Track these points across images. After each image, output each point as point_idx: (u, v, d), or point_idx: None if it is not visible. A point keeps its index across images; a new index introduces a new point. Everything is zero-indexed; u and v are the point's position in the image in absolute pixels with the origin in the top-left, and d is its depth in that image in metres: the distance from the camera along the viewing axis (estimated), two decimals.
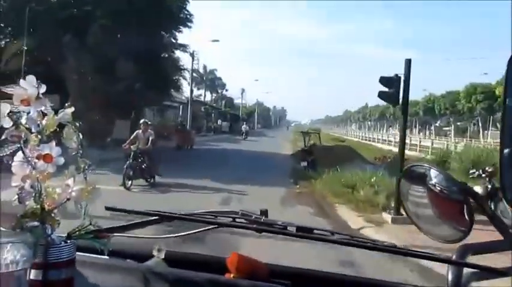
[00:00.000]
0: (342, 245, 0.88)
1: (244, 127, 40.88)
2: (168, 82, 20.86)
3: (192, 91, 34.37)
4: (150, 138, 9.64)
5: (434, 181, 0.93)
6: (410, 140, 27.87)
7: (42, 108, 0.71)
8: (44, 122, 0.71)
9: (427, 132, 49.59)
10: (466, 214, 0.88)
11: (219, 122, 50.87)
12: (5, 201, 0.68)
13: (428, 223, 0.95)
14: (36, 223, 0.69)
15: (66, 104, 0.74)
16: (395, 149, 27.45)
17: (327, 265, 3.12)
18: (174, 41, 21.06)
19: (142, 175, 9.49)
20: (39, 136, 0.71)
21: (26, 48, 14.30)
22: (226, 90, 74.82)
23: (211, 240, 1.19)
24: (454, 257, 0.83)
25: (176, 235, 1.03)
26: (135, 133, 9.91)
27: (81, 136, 0.74)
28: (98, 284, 0.77)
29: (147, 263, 0.90)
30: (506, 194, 0.85)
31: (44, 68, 12.28)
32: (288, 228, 0.89)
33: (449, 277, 0.82)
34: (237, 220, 0.93)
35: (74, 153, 0.73)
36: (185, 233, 1.03)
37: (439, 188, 0.92)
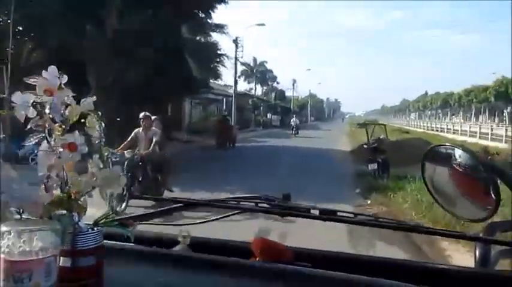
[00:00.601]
0: (365, 226, 1.02)
1: (293, 121, 39.89)
2: (206, 70, 20.56)
3: (236, 81, 34.88)
4: (154, 139, 7.81)
5: (459, 160, 1.07)
6: (480, 129, 30.25)
7: (65, 98, 0.80)
8: (67, 112, 0.81)
9: (496, 119, 47.36)
10: (492, 192, 1.00)
11: (269, 115, 52.94)
12: (32, 190, 0.78)
13: (455, 203, 1.08)
14: (63, 211, 0.79)
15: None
16: (469, 139, 28.17)
17: (352, 247, 3.31)
18: (209, 21, 20.89)
19: (144, 192, 7.32)
20: (63, 126, 0.80)
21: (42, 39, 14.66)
22: (278, 83, 77.33)
23: (236, 225, 1.36)
24: (481, 235, 0.96)
25: (200, 221, 1.22)
26: (133, 132, 8.07)
27: (103, 125, 0.85)
28: (127, 270, 0.92)
29: (174, 249, 1.08)
30: None
31: (64, 58, 12.45)
32: (311, 211, 1.05)
33: (477, 255, 0.94)
34: (260, 204, 1.11)
35: (97, 141, 0.84)
36: (210, 219, 1.21)
37: (464, 168, 1.06)
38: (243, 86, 67.30)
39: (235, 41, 33.31)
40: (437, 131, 41.02)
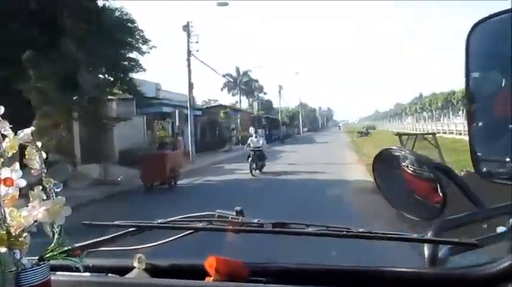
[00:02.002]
0: (318, 237, 1.04)
1: (252, 139, 26.70)
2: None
3: (191, 86, 25.51)
4: None
5: (407, 161, 1.11)
6: None
7: (2, 130, 0.80)
8: (4, 144, 0.80)
9: None
10: (439, 191, 1.04)
11: (251, 130, 46.21)
12: None
13: (405, 203, 1.12)
14: (3, 250, 0.77)
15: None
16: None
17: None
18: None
19: None
20: (1, 159, 0.79)
21: None
22: (265, 93, 72.16)
23: (191, 245, 1.38)
24: (428, 234, 0.99)
25: (155, 243, 1.22)
26: None
27: (44, 155, 0.84)
28: None
29: (129, 276, 1.08)
30: (477, 167, 1.01)
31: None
32: (264, 225, 1.07)
33: (426, 254, 0.97)
34: (214, 222, 1.12)
35: (37, 173, 0.83)
36: (163, 241, 1.23)
37: (412, 168, 1.10)
38: (228, 99, 64.22)
39: (187, 29, 24.94)
40: (446, 133, 35.34)
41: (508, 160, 0.99)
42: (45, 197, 0.83)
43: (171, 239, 1.22)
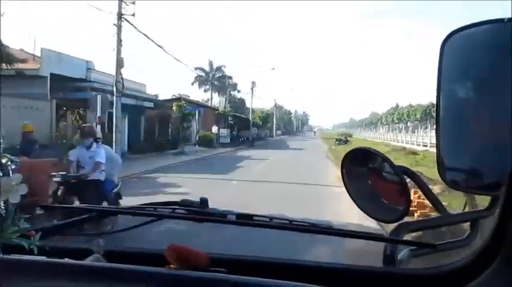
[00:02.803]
0: (282, 230, 1.05)
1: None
2: None
3: (119, 63, 18.58)
4: None
5: (375, 163, 1.12)
6: None
7: None
8: None
9: None
10: (403, 193, 1.06)
11: (214, 129, 38.29)
12: None
13: (372, 205, 1.14)
14: None
15: None
16: None
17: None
18: None
19: None
20: None
21: None
22: (238, 91, 65.87)
23: (153, 232, 1.37)
24: (389, 235, 1.01)
25: (115, 230, 1.21)
26: None
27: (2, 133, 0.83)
28: (36, 284, 0.89)
29: (86, 260, 1.07)
30: (444, 175, 1.04)
31: None
32: (228, 216, 1.07)
33: (385, 254, 0.99)
34: (177, 210, 1.12)
35: None
36: (125, 227, 1.21)
37: (379, 171, 1.12)
38: (199, 95, 60.47)
39: None
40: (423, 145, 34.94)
41: (474, 169, 1.03)
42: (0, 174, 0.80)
43: (133, 226, 1.21)
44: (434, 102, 1.11)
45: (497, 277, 0.78)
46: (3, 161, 0.83)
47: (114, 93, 18.58)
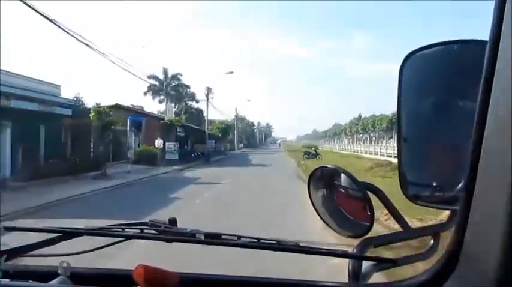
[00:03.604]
0: (249, 249, 1.07)
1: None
2: None
3: None
4: None
5: (339, 180, 1.16)
6: None
7: None
8: None
9: None
10: (367, 209, 1.10)
11: (158, 142, 31.63)
12: None
13: (337, 221, 1.18)
14: None
15: None
16: None
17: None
18: None
19: None
20: None
21: None
22: (197, 101, 59.40)
23: (121, 253, 1.37)
24: (354, 250, 1.05)
25: (83, 251, 1.20)
26: None
27: None
28: None
29: (51, 283, 1.06)
30: (405, 189, 1.08)
31: None
32: (197, 235, 1.08)
33: (349, 270, 1.03)
34: (146, 231, 1.12)
35: None
36: (92, 248, 1.21)
37: (343, 187, 1.15)
38: (154, 106, 55.71)
39: None
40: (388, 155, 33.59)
41: (434, 184, 1.08)
42: None
43: (100, 246, 1.20)
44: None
45: None
46: None
47: None
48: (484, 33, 0.78)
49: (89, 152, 23.70)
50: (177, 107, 57.94)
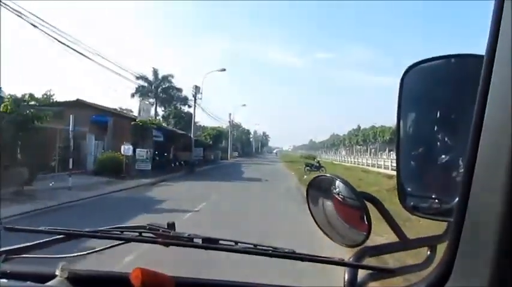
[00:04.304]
0: (245, 254, 1.08)
1: None
2: None
3: None
4: None
5: (337, 189, 1.18)
6: None
7: None
8: None
9: None
10: (365, 219, 1.11)
11: (125, 148, 24.19)
12: None
13: (334, 229, 1.19)
14: None
15: None
16: None
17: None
18: None
19: None
20: None
21: None
22: (189, 106, 52.03)
23: (119, 255, 1.38)
24: (351, 259, 1.06)
25: (81, 253, 1.21)
26: None
27: None
28: None
29: (49, 284, 1.07)
30: (403, 201, 1.10)
31: None
32: (195, 240, 1.10)
33: (345, 278, 1.04)
34: (144, 234, 1.14)
35: None
36: (91, 250, 1.22)
37: (342, 196, 1.17)
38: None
39: None
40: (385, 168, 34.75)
41: (432, 196, 1.09)
42: None
43: (98, 249, 1.22)
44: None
45: None
46: None
47: None
48: (481, 49, 0.80)
49: (15, 158, 16.76)
50: (166, 110, 54.59)
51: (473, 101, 0.79)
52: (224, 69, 44.71)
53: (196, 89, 42.49)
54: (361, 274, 1.07)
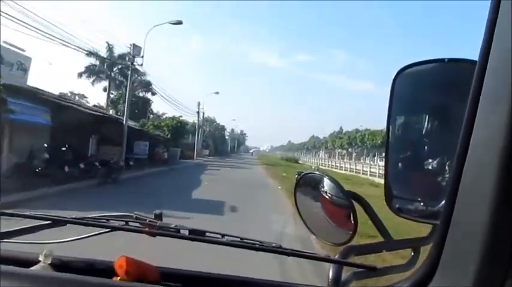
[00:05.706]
0: (233, 247, 1.09)
1: None
2: None
3: None
4: None
5: (325, 188, 1.19)
6: None
7: None
8: None
9: None
10: (351, 218, 1.13)
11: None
12: None
13: (321, 227, 1.20)
14: None
15: None
16: None
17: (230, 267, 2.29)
18: None
19: None
20: None
21: None
22: (153, 93, 42.77)
23: (104, 243, 1.37)
24: (336, 256, 1.07)
25: (66, 239, 1.21)
26: None
27: None
28: None
29: (31, 269, 1.06)
30: (390, 202, 1.11)
31: None
32: (181, 231, 1.10)
33: (330, 275, 1.05)
34: (131, 223, 1.14)
35: None
36: (76, 237, 1.22)
37: (329, 195, 1.18)
38: (97, 96, 34.28)
39: None
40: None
41: (418, 199, 1.11)
42: None
43: (84, 236, 1.22)
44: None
45: None
46: None
47: None
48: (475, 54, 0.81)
49: None
50: (115, 94, 42.27)
51: (462, 105, 0.80)
52: (181, 22, 29.11)
53: (135, 49, 27.85)
54: (346, 272, 1.08)
